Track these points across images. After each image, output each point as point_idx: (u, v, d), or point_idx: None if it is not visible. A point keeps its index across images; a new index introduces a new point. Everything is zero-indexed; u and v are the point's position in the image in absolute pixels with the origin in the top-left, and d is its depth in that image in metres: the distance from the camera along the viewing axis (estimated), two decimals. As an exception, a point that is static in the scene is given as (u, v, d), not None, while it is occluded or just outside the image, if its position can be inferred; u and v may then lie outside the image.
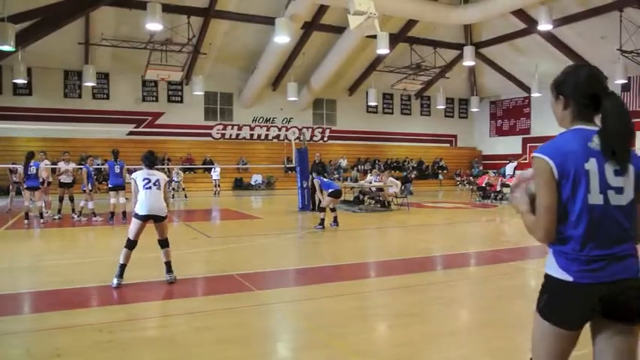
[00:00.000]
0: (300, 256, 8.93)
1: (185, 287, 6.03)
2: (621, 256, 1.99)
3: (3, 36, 17.29)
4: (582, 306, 2.00)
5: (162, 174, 6.45)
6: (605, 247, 1.99)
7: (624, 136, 1.96)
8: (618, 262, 1.99)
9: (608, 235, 1.99)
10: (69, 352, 4.00)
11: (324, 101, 32.01)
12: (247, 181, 28.06)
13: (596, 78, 2.06)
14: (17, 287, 6.22)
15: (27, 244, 9.75)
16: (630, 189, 2.01)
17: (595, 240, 1.99)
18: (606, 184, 1.99)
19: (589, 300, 1.99)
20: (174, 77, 25.31)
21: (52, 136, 23.94)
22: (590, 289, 1.98)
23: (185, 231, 11.29)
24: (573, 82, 2.08)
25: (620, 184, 2.00)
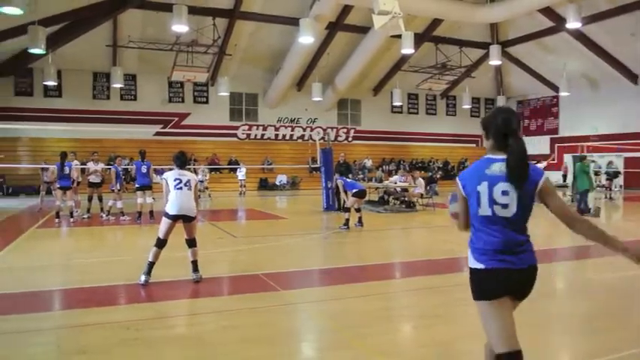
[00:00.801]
0: (325, 256, 8.92)
1: (211, 286, 6.08)
2: (514, 252, 2.67)
3: (34, 39, 17.72)
4: (496, 284, 2.68)
5: (193, 174, 6.51)
6: (495, 246, 2.67)
7: (520, 168, 2.61)
8: (513, 255, 2.66)
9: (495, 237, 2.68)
10: (96, 349, 4.06)
11: (349, 101, 31.95)
12: (272, 181, 28.18)
13: (509, 122, 2.72)
14: (48, 285, 6.34)
15: (57, 243, 9.96)
16: (514, 205, 2.63)
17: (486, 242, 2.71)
18: (493, 201, 2.65)
19: (498, 280, 2.68)
20: (199, 78, 25.57)
21: (81, 137, 24.40)
22: (497, 273, 2.67)
23: (211, 231, 11.39)
24: (493, 124, 2.75)
25: (506, 201, 2.64)
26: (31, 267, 7.34)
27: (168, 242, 6.23)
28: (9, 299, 5.61)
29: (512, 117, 2.76)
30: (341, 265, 7.68)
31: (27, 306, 5.32)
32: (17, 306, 5.33)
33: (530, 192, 2.65)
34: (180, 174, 6.36)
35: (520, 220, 2.68)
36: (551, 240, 9.74)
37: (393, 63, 29.04)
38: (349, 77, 27.93)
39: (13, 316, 4.92)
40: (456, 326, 4.72)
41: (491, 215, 2.67)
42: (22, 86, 25.38)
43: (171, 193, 6.23)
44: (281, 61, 26.27)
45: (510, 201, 2.63)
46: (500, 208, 2.65)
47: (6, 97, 24.73)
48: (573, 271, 7.53)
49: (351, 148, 30.61)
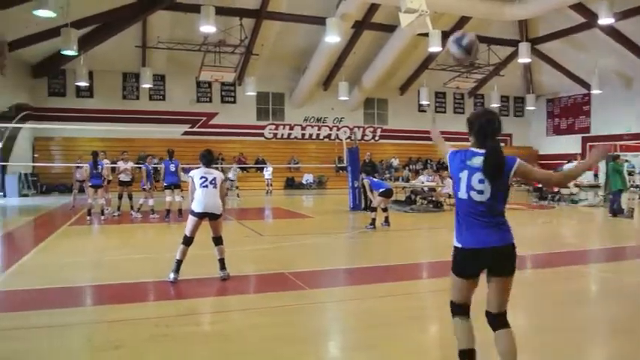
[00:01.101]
0: (352, 255, 8.92)
1: (238, 284, 6.13)
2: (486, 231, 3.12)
3: (67, 41, 18.15)
4: (472, 262, 3.21)
5: (219, 172, 6.56)
6: (471, 226, 3.15)
7: (495, 168, 3.05)
8: (485, 235, 3.11)
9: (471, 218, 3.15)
10: (127, 344, 4.14)
11: (375, 100, 31.84)
12: (299, 180, 28.28)
13: (492, 124, 3.19)
14: (80, 280, 6.49)
15: (89, 240, 10.18)
16: (488, 192, 3.07)
17: (464, 222, 3.20)
18: (471, 187, 3.12)
19: (474, 258, 3.18)
20: (227, 78, 25.81)
21: (111, 136, 24.84)
22: (473, 251, 3.16)
23: (238, 229, 11.49)
24: (477, 123, 3.23)
25: (481, 188, 3.09)
26: (64, 263, 7.51)
27: (197, 240, 6.31)
28: (44, 294, 5.76)
29: (495, 119, 3.21)
30: (367, 265, 7.66)
31: (60, 301, 5.45)
32: (51, 301, 5.46)
33: (505, 181, 3.11)
34: (207, 172, 6.41)
35: (493, 204, 3.11)
36: (586, 241, 9.56)
37: (420, 61, 28.84)
38: (376, 76, 27.84)
39: (48, 311, 5.06)
40: (483, 328, 4.66)
41: (466, 199, 3.15)
42: (55, 87, 26.03)
43: (197, 191, 6.29)
44: (307, 60, 26.34)
45: (485, 188, 3.09)
46: (476, 193, 3.12)
47: (40, 97, 25.38)
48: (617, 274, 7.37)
49: (378, 148, 30.49)
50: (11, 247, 9.74)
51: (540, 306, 5.49)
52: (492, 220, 3.12)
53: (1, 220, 14.48)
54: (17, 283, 6.31)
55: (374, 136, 32.00)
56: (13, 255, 8.44)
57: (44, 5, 14.23)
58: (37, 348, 4.06)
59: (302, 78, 27.85)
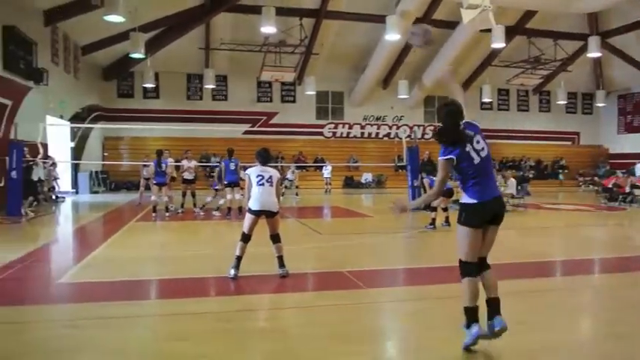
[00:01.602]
0: (411, 255, 8.84)
1: (296, 282, 6.21)
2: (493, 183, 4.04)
3: (135, 45, 18.95)
4: (489, 211, 3.98)
5: (275, 171, 6.64)
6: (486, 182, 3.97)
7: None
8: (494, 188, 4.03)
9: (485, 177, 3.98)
10: (191, 336, 4.28)
11: (436, 98, 31.27)
12: (357, 179, 28.24)
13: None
14: (145, 274, 6.76)
15: (154, 236, 10.57)
16: (486, 148, 3.99)
17: (481, 181, 3.97)
18: (477, 151, 3.95)
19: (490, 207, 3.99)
20: (287, 78, 26.11)
21: (175, 136, 25.70)
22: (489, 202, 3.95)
23: (297, 227, 11.61)
24: (445, 110, 4.06)
25: (482, 146, 3.96)
26: (130, 257, 7.85)
27: (258, 238, 6.43)
28: (112, 287, 6.04)
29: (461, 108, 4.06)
30: (427, 265, 7.57)
31: (127, 294, 5.71)
32: (119, 293, 5.72)
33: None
34: (263, 170, 6.49)
35: (489, 158, 4.04)
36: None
37: (483, 58, 28.13)
38: (436, 74, 27.35)
39: (116, 303, 5.30)
40: (543, 334, 4.52)
41: (480, 161, 3.95)
42: (124, 89, 27.22)
43: (253, 189, 6.39)
44: (367, 59, 26.26)
45: (483, 145, 4.00)
46: (482, 151, 3.98)
47: (110, 99, 26.60)
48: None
49: (438, 147, 29.85)
50: (83, 241, 10.26)
51: (610, 312, 5.25)
52: (492, 175, 4.07)
53: (74, 216, 15.29)
54: (88, 275, 6.64)
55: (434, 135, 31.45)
56: (85, 249, 8.89)
57: (114, 11, 14.89)
58: (105, 337, 4.27)
59: (361, 77, 27.79)
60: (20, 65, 15.45)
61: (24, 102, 15.70)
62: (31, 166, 14.29)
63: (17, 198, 13.07)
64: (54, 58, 18.80)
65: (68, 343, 4.12)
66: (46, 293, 5.84)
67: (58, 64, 19.34)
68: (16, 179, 13.07)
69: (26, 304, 5.35)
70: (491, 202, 3.96)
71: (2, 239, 9.89)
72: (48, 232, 11.46)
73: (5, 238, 10.07)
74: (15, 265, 7.07)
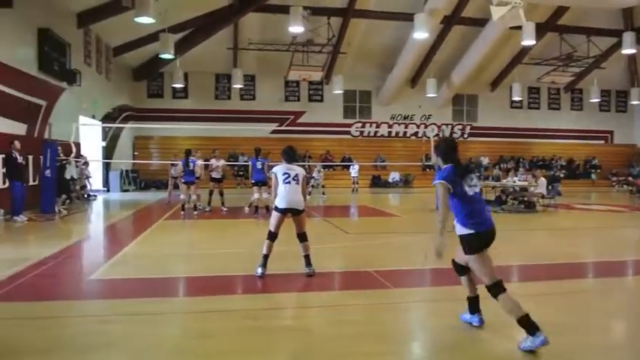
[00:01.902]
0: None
1: (323, 280, 6.20)
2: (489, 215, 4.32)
3: (165, 46, 19.22)
4: (490, 239, 4.26)
5: (301, 169, 6.63)
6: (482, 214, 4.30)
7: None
8: (490, 219, 4.29)
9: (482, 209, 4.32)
10: (218, 333, 4.31)
11: (465, 97, 31.00)
12: (385, 178, 28.13)
13: (453, 143, 4.46)
14: (173, 272, 6.84)
15: (182, 234, 10.69)
16: (479, 186, 4.33)
17: (478, 212, 4.28)
18: (472, 186, 4.27)
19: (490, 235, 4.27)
20: (314, 77, 26.15)
21: (204, 135, 25.98)
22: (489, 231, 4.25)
23: (324, 226, 11.61)
24: (443, 146, 4.45)
25: (476, 183, 4.30)
26: (159, 255, 7.95)
27: (285, 237, 6.44)
28: (141, 284, 6.13)
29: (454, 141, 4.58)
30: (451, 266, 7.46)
31: (156, 290, 5.78)
32: (148, 290, 5.80)
33: None
34: (289, 168, 6.49)
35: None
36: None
37: (513, 55, 27.72)
38: (465, 72, 27.09)
39: (145, 300, 5.37)
40: (580, 336, 4.41)
41: (474, 194, 4.28)
42: (153, 89, 27.68)
43: (279, 187, 6.39)
44: (395, 57, 26.11)
45: (477, 183, 4.37)
46: (476, 188, 4.30)
47: (140, 99, 27.09)
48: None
49: (467, 146, 29.67)
50: (114, 239, 10.45)
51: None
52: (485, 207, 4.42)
53: (105, 213, 15.59)
54: (118, 272, 6.75)
55: (462, 134, 31.17)
56: (116, 246, 9.05)
57: (145, 12, 15.11)
58: (135, 333, 4.33)
59: (389, 75, 27.67)
60: (54, 66, 15.82)
61: (58, 102, 16.10)
62: (64, 165, 14.61)
63: (51, 196, 13.38)
64: (86, 60, 19.20)
65: (99, 339, 4.19)
66: (78, 289, 5.96)
67: (91, 65, 19.74)
68: (50, 178, 13.38)
69: (58, 299, 5.47)
70: (492, 230, 4.31)
71: (37, 236, 10.13)
72: (80, 229, 11.71)
73: (39, 235, 10.31)
74: (48, 261, 7.23)
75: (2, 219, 11.92)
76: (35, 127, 14.92)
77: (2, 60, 12.88)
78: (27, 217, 12.12)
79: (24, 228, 11.12)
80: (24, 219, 11.86)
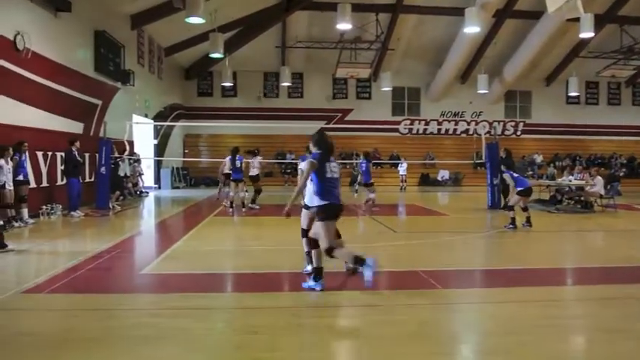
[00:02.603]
0: (489, 256, 8.58)
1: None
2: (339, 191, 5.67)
3: (215, 45, 19.61)
4: (338, 211, 5.60)
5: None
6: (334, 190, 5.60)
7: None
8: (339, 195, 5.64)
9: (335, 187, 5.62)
10: (264, 330, 4.36)
11: (518, 93, 30.24)
12: (434, 176, 27.78)
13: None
14: (223, 268, 6.99)
15: (231, 230, 10.90)
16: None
17: (331, 190, 5.59)
18: (334, 171, 5.64)
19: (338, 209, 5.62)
20: (362, 74, 26.09)
21: (252, 133, 26.35)
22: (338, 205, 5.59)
23: (371, 224, 11.58)
24: (316, 137, 5.88)
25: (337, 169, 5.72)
26: (208, 251, 8.14)
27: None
28: (191, 278, 6.30)
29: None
30: (506, 267, 7.31)
31: (205, 285, 5.92)
32: (197, 285, 5.95)
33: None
34: None
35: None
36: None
37: (569, 49, 26.81)
38: (518, 67, 26.39)
39: (194, 294, 5.50)
40: (639, 342, 4.24)
41: (335, 177, 5.66)
42: (203, 87, 28.32)
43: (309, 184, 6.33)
44: (444, 53, 25.73)
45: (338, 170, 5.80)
46: (336, 173, 5.69)
47: (191, 97, 27.78)
48: None
49: (520, 143, 28.95)
50: (165, 234, 10.76)
51: None
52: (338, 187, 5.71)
53: (156, 210, 16.05)
54: (169, 267, 6.96)
55: (515, 131, 30.43)
56: (167, 241, 9.32)
57: (195, 13, 15.46)
58: (184, 327, 4.43)
59: (439, 71, 27.29)
60: (109, 67, 16.41)
61: (112, 101, 16.70)
62: (117, 163, 15.12)
63: (105, 192, 13.87)
64: (139, 60, 19.81)
65: (150, 331, 4.32)
66: (130, 283, 6.18)
67: (144, 66, 20.37)
68: (105, 175, 13.87)
69: (112, 292, 5.68)
70: (340, 205, 5.67)
71: (92, 231, 10.54)
72: (133, 224, 12.11)
73: (95, 230, 10.73)
74: (103, 255, 7.52)
75: (60, 214, 12.46)
76: (91, 125, 15.53)
77: (61, 62, 13.49)
78: (83, 212, 12.63)
79: (80, 223, 11.59)
80: (80, 214, 12.35)
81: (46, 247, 8.52)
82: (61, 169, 13.29)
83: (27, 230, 10.27)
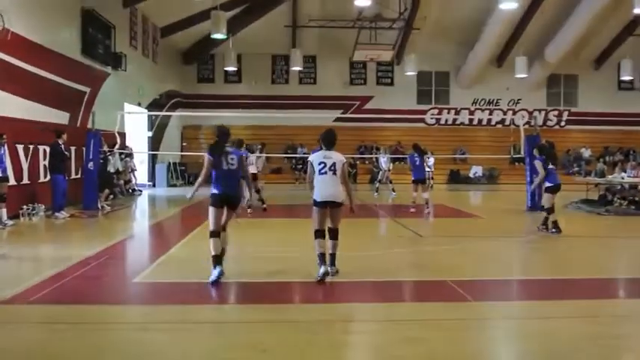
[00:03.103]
0: (527, 264, 8.50)
1: (392, 291, 6.15)
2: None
3: (216, 24, 19.58)
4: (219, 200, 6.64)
5: (340, 155, 6.58)
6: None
7: None
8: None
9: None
10: (272, 347, 4.33)
11: (562, 77, 29.94)
12: (465, 173, 27.65)
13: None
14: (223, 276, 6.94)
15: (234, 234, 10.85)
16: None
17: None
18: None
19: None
20: (384, 57, 26.00)
21: (258, 124, 26.38)
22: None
23: (393, 228, 11.54)
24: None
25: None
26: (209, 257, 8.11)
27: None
28: (188, 288, 6.31)
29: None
30: (547, 277, 7.23)
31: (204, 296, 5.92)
32: (195, 295, 5.94)
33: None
34: (326, 156, 6.48)
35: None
36: None
37: (622, 27, 26.51)
38: (562, 48, 26.14)
39: (192, 306, 5.49)
40: None
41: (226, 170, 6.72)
42: (204, 73, 28.47)
43: (315, 179, 6.44)
44: (477, 32, 25.54)
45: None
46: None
47: (190, 84, 27.91)
48: None
49: (564, 135, 28.69)
50: (160, 238, 10.83)
51: None
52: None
53: (151, 210, 16.15)
54: (164, 275, 7.00)
55: (559, 121, 30.15)
56: (162, 246, 9.36)
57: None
58: (180, 344, 4.43)
59: (471, 54, 27.11)
60: (98, 50, 16.50)
61: (102, 89, 16.81)
62: (107, 157, 15.22)
63: (94, 191, 13.97)
64: (132, 42, 19.92)
65: (141, 349, 4.32)
66: (121, 293, 6.21)
67: (137, 48, 20.48)
68: (93, 171, 13.97)
69: (100, 302, 5.70)
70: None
71: (79, 234, 10.62)
72: (124, 227, 12.19)
73: (82, 233, 10.81)
74: (91, 261, 7.56)
75: (43, 215, 12.56)
76: (78, 115, 15.65)
77: (45, 44, 13.56)
78: (68, 213, 12.72)
79: (65, 225, 11.70)
80: (65, 215, 12.44)
81: (27, 252, 8.61)
82: (44, 164, 13.38)
83: (5, 233, 10.35)
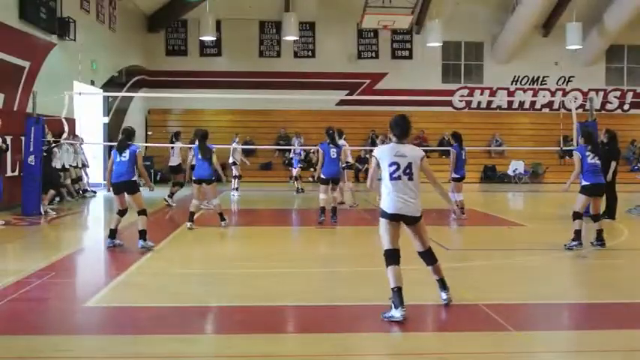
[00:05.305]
0: (579, 285, 8.52)
1: (414, 317, 6.14)
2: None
3: (189, -19, 19.59)
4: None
5: (416, 149, 6.24)
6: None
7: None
8: None
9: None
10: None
11: (625, 49, 30.00)
12: (502, 169, 27.69)
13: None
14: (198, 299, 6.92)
15: (212, 246, 10.89)
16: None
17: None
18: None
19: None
20: (400, 24, 25.93)
21: (242, 108, 26.35)
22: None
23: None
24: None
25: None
26: (179, 275, 8.17)
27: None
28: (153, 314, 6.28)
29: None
30: (603, 301, 7.24)
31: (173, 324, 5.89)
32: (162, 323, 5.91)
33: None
34: (399, 153, 6.03)
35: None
36: None
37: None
38: (626, 12, 26.19)
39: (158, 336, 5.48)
40: None
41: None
42: (174, 43, 28.43)
43: (384, 183, 6.05)
44: (519, -7, 25.62)
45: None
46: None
47: (156, 58, 27.87)
48: None
49: (628, 121, 28.76)
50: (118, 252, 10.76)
51: None
52: None
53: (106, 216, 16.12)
54: (123, 297, 7.01)
55: (621, 105, 30.18)
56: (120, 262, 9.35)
57: None
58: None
59: (510, 19, 27.13)
60: (41, 14, 16.47)
61: (45, 63, 16.75)
62: (52, 150, 15.18)
63: (35, 191, 13.95)
64: (83, 4, 19.92)
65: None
66: (70, 320, 6.19)
67: (89, 12, 20.48)
68: (35, 166, 13.93)
69: (43, 332, 5.68)
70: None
71: (17, 246, 10.63)
72: (73, 237, 12.20)
73: (20, 244, 10.81)
74: (31, 281, 7.55)
75: (-29, 222, 12.57)
76: (15, 97, 15.62)
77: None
78: (4, 220, 12.72)
79: (0, 234, 11.67)
80: (0, 222, 12.45)
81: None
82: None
83: None
